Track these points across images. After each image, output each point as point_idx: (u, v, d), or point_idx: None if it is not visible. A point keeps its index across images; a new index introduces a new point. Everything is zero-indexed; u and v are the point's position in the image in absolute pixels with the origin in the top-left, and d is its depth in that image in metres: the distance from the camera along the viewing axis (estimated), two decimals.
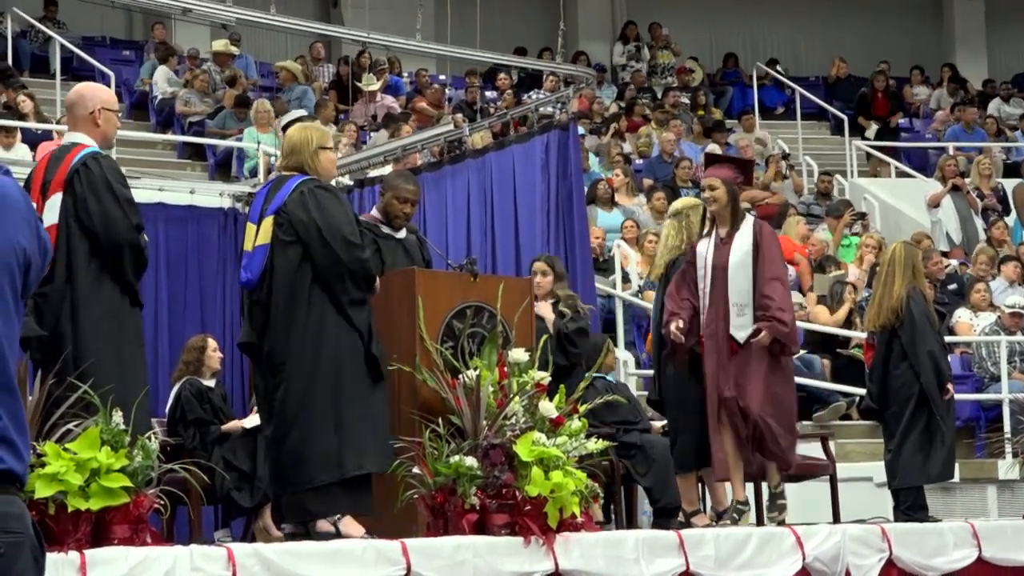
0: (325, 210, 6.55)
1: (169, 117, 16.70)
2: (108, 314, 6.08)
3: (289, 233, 6.56)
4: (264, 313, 6.56)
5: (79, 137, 6.27)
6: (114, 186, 6.13)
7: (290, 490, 6.54)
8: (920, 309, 8.80)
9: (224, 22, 13.73)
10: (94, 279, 6.05)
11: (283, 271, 6.54)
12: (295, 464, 6.47)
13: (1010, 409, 11.64)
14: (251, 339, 6.62)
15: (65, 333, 5.96)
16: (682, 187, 16.33)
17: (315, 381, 6.47)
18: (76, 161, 6.12)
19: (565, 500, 6.39)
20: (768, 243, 7.99)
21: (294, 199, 6.59)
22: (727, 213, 8.01)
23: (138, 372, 6.16)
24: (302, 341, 6.49)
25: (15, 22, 17.47)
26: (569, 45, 20.12)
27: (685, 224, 8.50)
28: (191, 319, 10.81)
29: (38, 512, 5.29)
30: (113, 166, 6.26)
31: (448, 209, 10.77)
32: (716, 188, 8.02)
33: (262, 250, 6.59)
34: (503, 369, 6.75)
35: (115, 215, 6.10)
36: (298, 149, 6.76)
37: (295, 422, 6.48)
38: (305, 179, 6.65)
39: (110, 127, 6.35)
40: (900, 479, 8.81)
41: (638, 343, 12.82)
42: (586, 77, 14.18)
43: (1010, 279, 14.35)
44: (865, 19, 24.16)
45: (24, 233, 3.09)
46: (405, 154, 12.14)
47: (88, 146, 6.20)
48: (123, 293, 6.16)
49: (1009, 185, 18.06)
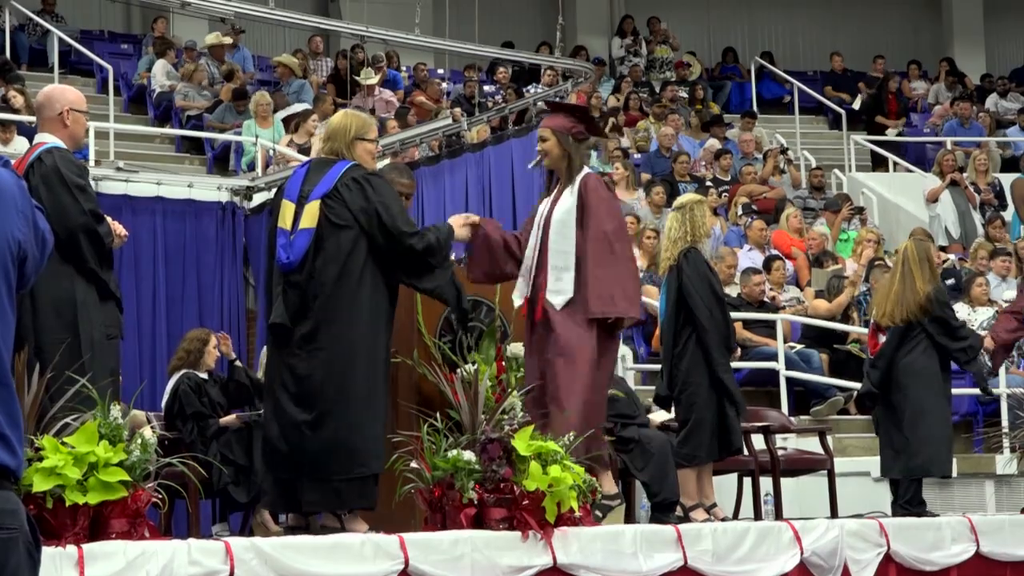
0: (386, 201, 6.49)
1: (167, 111, 16.68)
2: (67, 305, 6.12)
3: (343, 217, 6.46)
4: (301, 295, 6.48)
5: (46, 137, 6.41)
6: (64, 175, 6.21)
7: (323, 480, 6.43)
8: (948, 304, 9.08)
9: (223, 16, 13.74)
10: (53, 272, 5.93)
11: (332, 256, 6.44)
12: (335, 453, 6.36)
13: (1008, 404, 11.65)
14: (284, 320, 6.47)
15: (27, 326, 5.94)
16: (680, 181, 16.33)
17: (355, 370, 6.38)
18: (32, 157, 6.26)
19: (563, 494, 6.39)
20: (595, 200, 7.03)
21: (347, 185, 6.49)
22: (563, 167, 7.14)
23: (106, 364, 6.15)
24: (345, 328, 6.40)
25: (13, 15, 17.45)
26: (568, 39, 20.11)
27: (688, 218, 8.49)
28: (189, 312, 10.82)
29: (36, 506, 5.29)
30: (66, 157, 6.33)
31: (446, 203, 10.78)
32: (547, 139, 7.16)
33: (306, 233, 6.46)
34: (501, 363, 6.75)
35: (65, 202, 6.19)
36: (335, 135, 6.69)
37: (336, 410, 6.37)
38: (353, 164, 6.58)
39: (78, 127, 6.48)
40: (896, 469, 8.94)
41: (636, 337, 12.81)
42: (584, 71, 14.17)
43: (1001, 274, 14.38)
44: (863, 14, 24.16)
45: (19, 225, 3.09)
46: (403, 148, 12.14)
47: (48, 142, 6.34)
48: (88, 284, 6.21)
49: (1006, 180, 18.07)
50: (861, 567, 7.66)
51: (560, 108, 7.71)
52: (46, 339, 5.98)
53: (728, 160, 17.41)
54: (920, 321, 8.95)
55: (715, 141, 18.34)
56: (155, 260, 10.78)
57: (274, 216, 6.69)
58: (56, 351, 5.84)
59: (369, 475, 6.41)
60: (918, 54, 23.18)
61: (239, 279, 11.26)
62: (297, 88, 17.14)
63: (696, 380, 8.27)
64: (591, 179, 7.09)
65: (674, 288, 8.42)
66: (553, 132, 7.13)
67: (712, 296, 8.39)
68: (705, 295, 8.33)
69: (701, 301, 8.31)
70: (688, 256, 8.40)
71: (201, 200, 11.22)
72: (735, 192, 16.78)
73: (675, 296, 8.40)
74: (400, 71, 18.94)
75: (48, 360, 5.76)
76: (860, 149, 19.39)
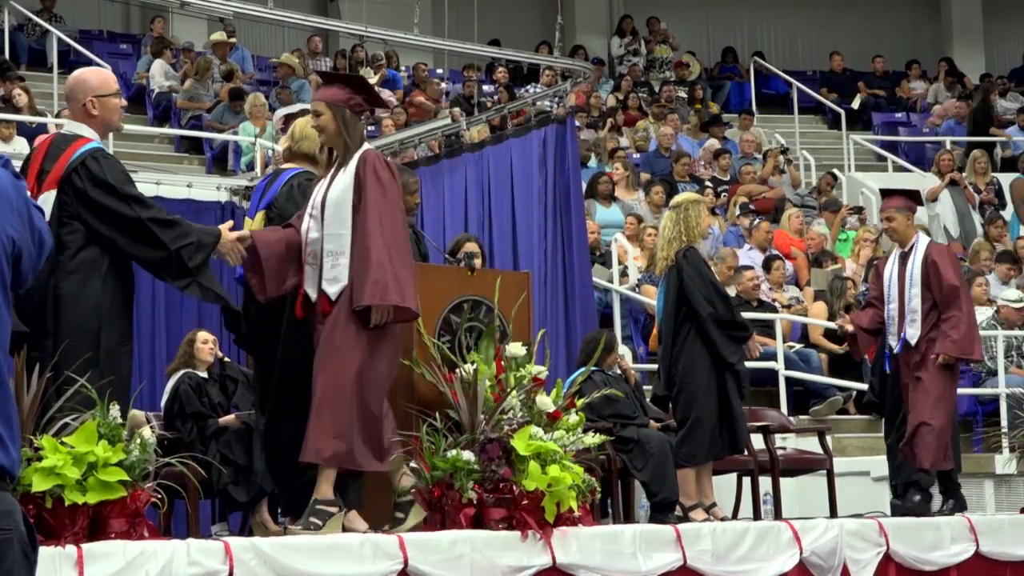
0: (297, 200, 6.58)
1: (166, 111, 16.68)
2: (94, 314, 5.92)
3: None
4: (257, 306, 6.55)
5: (79, 128, 6.13)
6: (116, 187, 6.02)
7: (284, 486, 6.49)
8: None
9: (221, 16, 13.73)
10: (81, 277, 5.93)
11: None
12: (293, 456, 6.44)
13: (1007, 404, 11.64)
14: (245, 330, 6.66)
15: (48, 330, 5.83)
16: (680, 181, 16.32)
17: (304, 372, 6.41)
18: (75, 158, 6.00)
19: (562, 494, 6.40)
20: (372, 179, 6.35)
21: (283, 193, 6.61)
22: (340, 144, 6.49)
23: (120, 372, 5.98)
24: (288, 332, 6.47)
25: (12, 15, 17.44)
26: (567, 39, 20.11)
27: (683, 217, 8.50)
28: (188, 314, 10.80)
29: (35, 506, 5.30)
30: (116, 166, 6.13)
31: (445, 203, 10.76)
32: (322, 114, 6.52)
33: None
34: (500, 363, 6.74)
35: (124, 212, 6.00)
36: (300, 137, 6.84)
37: (288, 413, 6.45)
38: (297, 172, 6.65)
39: (108, 112, 6.15)
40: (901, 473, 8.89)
41: (635, 337, 12.81)
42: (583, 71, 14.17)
43: (1004, 278, 14.38)
44: (862, 13, 24.16)
45: (13, 224, 3.08)
46: (403, 148, 12.13)
47: (89, 140, 6.07)
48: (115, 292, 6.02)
49: (1006, 180, 18.07)
50: (860, 567, 7.66)
51: (335, 79, 7.05)
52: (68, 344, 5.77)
53: (727, 160, 17.41)
54: None
55: (714, 141, 18.34)
56: None
57: None
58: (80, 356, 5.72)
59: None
60: (917, 54, 23.18)
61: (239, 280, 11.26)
62: (297, 88, 17.14)
63: (694, 379, 8.28)
64: (370, 156, 6.42)
65: (674, 287, 8.42)
66: (328, 105, 6.49)
67: (714, 291, 8.40)
68: (707, 292, 8.35)
69: (703, 299, 8.32)
70: (688, 256, 8.41)
71: (200, 200, 11.21)
72: (734, 192, 16.78)
73: (675, 295, 8.41)
74: (399, 71, 18.94)
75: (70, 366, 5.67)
76: (859, 149, 19.39)
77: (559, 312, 10.46)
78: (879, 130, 20.56)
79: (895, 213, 9.16)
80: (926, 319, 8.91)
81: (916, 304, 8.95)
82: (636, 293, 12.77)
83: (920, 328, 8.90)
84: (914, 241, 9.13)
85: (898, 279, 9.07)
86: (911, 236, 9.16)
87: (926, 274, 8.96)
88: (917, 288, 8.96)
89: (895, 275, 9.11)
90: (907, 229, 9.15)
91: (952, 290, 8.91)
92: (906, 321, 8.97)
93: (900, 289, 9.04)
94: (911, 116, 21.18)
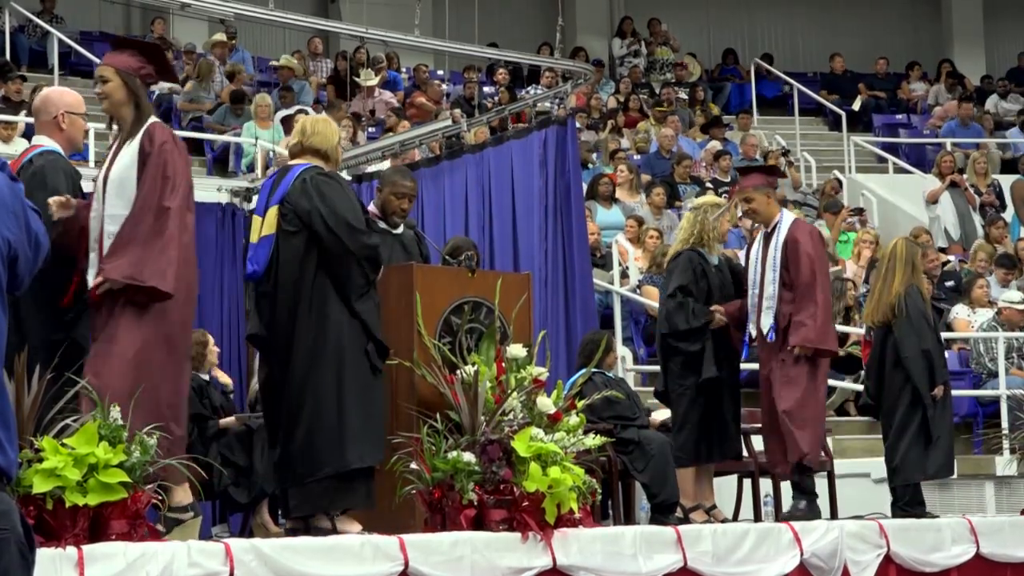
0: (327, 197, 6.50)
1: (167, 112, 16.67)
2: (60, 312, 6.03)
3: (293, 223, 6.51)
4: (272, 304, 6.52)
5: (42, 140, 6.33)
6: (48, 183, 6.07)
7: (296, 483, 6.48)
8: (916, 307, 8.80)
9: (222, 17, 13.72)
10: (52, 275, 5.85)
11: (288, 261, 6.50)
12: (302, 456, 6.43)
13: (1008, 405, 11.64)
14: (259, 331, 6.55)
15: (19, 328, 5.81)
16: (680, 183, 16.33)
17: (318, 372, 6.43)
18: (25, 160, 6.17)
19: (563, 496, 6.40)
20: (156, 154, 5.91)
21: (296, 188, 6.54)
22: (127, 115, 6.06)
23: None
24: (306, 331, 6.45)
25: (13, 17, 17.45)
26: (567, 40, 20.11)
27: (700, 220, 8.51)
28: None
29: (36, 507, 5.29)
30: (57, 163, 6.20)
31: (446, 205, 10.76)
32: (108, 80, 6.10)
33: (267, 240, 6.54)
34: (501, 365, 6.74)
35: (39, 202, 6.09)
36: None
37: (300, 414, 6.44)
38: (307, 167, 6.62)
39: (75, 130, 6.37)
40: (898, 475, 8.82)
41: (636, 339, 12.82)
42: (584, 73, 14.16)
43: (1002, 282, 14.39)
44: (863, 15, 24.16)
45: (9, 225, 3.09)
46: (403, 150, 12.13)
47: (43, 145, 6.27)
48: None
49: (1006, 181, 18.07)
50: (861, 568, 7.66)
51: (126, 45, 6.47)
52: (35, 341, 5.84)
53: (727, 161, 17.41)
54: (891, 322, 8.85)
55: (716, 143, 18.34)
56: None
57: (247, 234, 6.77)
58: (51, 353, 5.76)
59: (334, 475, 6.40)
60: (918, 55, 23.18)
61: (239, 280, 11.23)
62: (297, 89, 17.15)
63: (684, 380, 8.31)
64: (157, 129, 6.01)
65: None
66: (117, 72, 6.06)
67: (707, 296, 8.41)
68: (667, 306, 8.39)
69: (663, 316, 8.39)
70: (677, 260, 8.45)
71: (201, 201, 11.14)
72: (734, 193, 16.78)
73: None
74: (400, 72, 18.94)
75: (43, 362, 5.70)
76: (860, 150, 19.39)
77: (560, 313, 10.46)
78: (880, 132, 20.56)
79: (754, 193, 8.46)
80: (787, 305, 8.24)
81: (773, 289, 8.29)
82: (637, 294, 12.77)
83: (776, 315, 8.27)
84: (777, 220, 8.43)
85: (760, 262, 8.39)
86: (774, 214, 8.45)
87: (785, 257, 8.30)
88: (777, 272, 8.29)
89: (758, 258, 8.42)
90: (769, 208, 8.45)
91: (808, 274, 8.21)
92: (762, 308, 8.33)
93: (762, 273, 8.38)
94: (912, 118, 21.18)
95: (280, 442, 6.54)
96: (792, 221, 8.46)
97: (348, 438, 6.39)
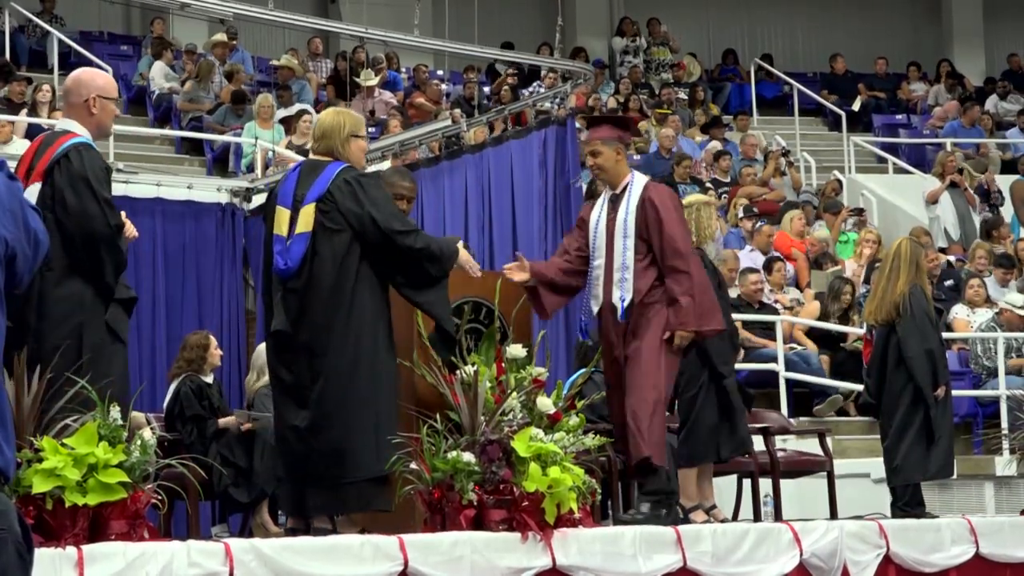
0: (377, 202, 6.48)
1: (167, 112, 16.69)
2: (75, 310, 5.87)
3: (336, 221, 6.46)
4: (300, 301, 6.47)
5: (71, 125, 6.09)
6: (94, 186, 5.92)
7: (326, 485, 6.44)
8: (920, 307, 8.81)
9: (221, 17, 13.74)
10: (62, 274, 5.87)
11: (328, 260, 6.44)
12: (335, 458, 6.37)
13: (1007, 405, 11.64)
14: (285, 327, 6.47)
15: (29, 325, 5.76)
16: (680, 183, 16.33)
17: (356, 375, 6.40)
18: (59, 151, 5.94)
19: (563, 496, 6.39)
20: None
21: (339, 187, 6.48)
22: None
23: (111, 370, 5.87)
24: (345, 333, 6.41)
25: (13, 17, 17.45)
26: (567, 40, 20.11)
27: (694, 218, 8.49)
28: (188, 314, 10.82)
29: (35, 507, 5.29)
30: (95, 161, 6.01)
31: (446, 205, 10.77)
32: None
33: (302, 238, 6.47)
34: (501, 365, 6.74)
35: (93, 212, 5.91)
36: (329, 134, 6.66)
37: (335, 416, 6.39)
38: (345, 166, 6.57)
39: (105, 116, 6.14)
40: (898, 475, 8.82)
41: None
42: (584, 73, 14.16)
43: (1001, 282, 14.39)
44: (863, 15, 24.17)
45: (6, 224, 3.08)
46: (403, 150, 12.13)
47: (77, 135, 6.02)
48: (96, 293, 5.95)
49: (1005, 182, 18.08)
50: (861, 568, 7.66)
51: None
52: (48, 341, 5.74)
53: (727, 161, 17.42)
54: (894, 322, 8.86)
55: (716, 143, 18.35)
56: (154, 261, 10.78)
57: (268, 223, 6.68)
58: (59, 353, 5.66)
59: (369, 478, 6.40)
60: (917, 55, 23.19)
61: (239, 280, 11.27)
62: (297, 89, 17.16)
63: (695, 380, 8.28)
64: None
65: None
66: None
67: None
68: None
69: None
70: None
71: (201, 201, 11.22)
72: (735, 194, 16.78)
73: None
74: (400, 72, 18.95)
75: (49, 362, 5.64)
76: (860, 151, 19.40)
77: (559, 314, 10.45)
78: (880, 132, 20.57)
79: (601, 146, 7.43)
80: (641, 278, 7.27)
81: (628, 259, 7.29)
82: None
83: (632, 290, 7.26)
84: (627, 181, 7.44)
85: (606, 229, 7.39)
86: (623, 175, 7.45)
87: (642, 221, 7.29)
88: (631, 239, 7.29)
89: (602, 223, 7.41)
90: (617, 165, 7.45)
91: (681, 240, 7.29)
92: (614, 281, 7.32)
93: (609, 240, 7.36)
94: (911, 118, 21.20)
95: (305, 441, 6.46)
96: (645, 183, 7.48)
97: (382, 443, 6.38)
